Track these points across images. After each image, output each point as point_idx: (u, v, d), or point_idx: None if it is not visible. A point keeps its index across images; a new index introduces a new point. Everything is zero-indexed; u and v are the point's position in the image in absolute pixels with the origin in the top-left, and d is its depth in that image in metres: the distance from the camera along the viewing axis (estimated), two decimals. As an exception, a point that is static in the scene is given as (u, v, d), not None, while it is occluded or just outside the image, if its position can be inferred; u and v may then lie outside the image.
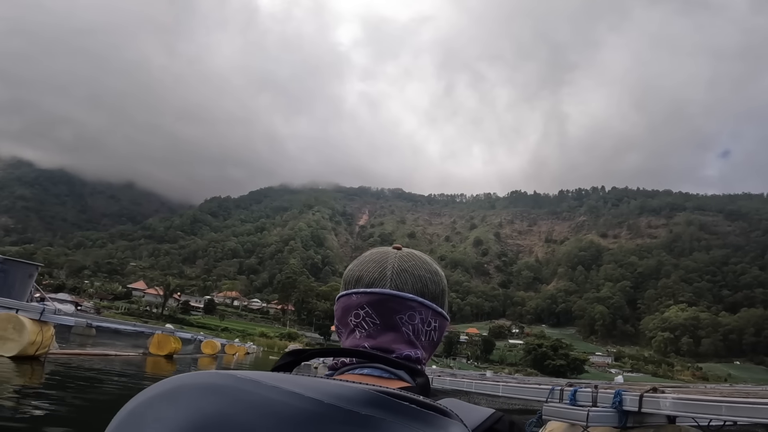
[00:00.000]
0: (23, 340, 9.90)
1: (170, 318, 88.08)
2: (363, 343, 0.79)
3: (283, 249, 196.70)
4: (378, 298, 0.79)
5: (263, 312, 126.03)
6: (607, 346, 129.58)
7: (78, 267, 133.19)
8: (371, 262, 0.84)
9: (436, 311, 0.83)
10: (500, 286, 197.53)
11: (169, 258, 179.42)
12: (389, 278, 0.80)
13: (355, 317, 0.81)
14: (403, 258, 0.84)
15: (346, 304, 0.83)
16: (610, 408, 6.03)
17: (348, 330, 0.83)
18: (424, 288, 0.82)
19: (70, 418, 5.89)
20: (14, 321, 10.01)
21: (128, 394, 5.24)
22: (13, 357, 9.73)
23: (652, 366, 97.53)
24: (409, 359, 0.78)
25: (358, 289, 0.82)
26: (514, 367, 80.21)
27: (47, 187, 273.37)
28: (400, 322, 0.79)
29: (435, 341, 0.85)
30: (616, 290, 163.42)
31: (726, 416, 6.17)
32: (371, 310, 0.79)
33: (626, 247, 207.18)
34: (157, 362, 17.17)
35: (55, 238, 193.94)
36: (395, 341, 0.79)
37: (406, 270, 0.82)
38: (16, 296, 11.71)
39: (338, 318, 0.86)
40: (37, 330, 10.25)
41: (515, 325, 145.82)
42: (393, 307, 0.79)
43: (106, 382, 10.15)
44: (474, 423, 0.68)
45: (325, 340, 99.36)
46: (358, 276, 0.83)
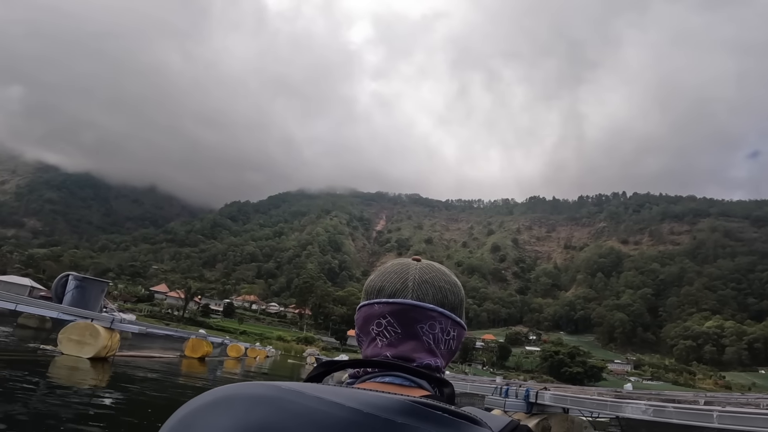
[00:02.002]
0: (98, 345, 11.91)
1: (190, 321, 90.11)
2: (385, 352, 0.82)
3: (301, 254, 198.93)
4: (400, 308, 0.83)
5: (281, 316, 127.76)
6: (627, 353, 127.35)
7: (103, 269, 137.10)
8: (393, 274, 0.87)
9: (455, 321, 0.87)
10: (518, 292, 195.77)
11: (190, 261, 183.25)
12: (411, 289, 0.84)
13: (377, 326, 0.84)
14: (424, 269, 0.88)
15: (367, 313, 0.86)
16: (521, 400, 9.88)
17: (369, 338, 0.86)
18: (444, 299, 0.85)
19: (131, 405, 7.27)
20: (91, 329, 12.04)
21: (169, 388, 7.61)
22: (89, 358, 11.65)
23: (673, 374, 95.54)
24: (429, 367, 0.81)
25: (380, 299, 0.85)
26: (530, 374, 79.64)
27: (74, 191, 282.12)
28: (421, 332, 0.82)
29: (453, 349, 0.89)
30: (636, 297, 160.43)
31: (591, 409, 9.70)
32: (393, 320, 0.83)
33: (648, 254, 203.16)
34: (191, 363, 18.85)
35: (80, 241, 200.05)
36: (416, 350, 0.82)
37: (427, 281, 0.85)
38: (91, 308, 13.91)
39: (359, 326, 0.89)
40: (108, 336, 12.32)
41: (532, 332, 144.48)
42: (414, 316, 0.82)
43: (154, 378, 12.00)
44: (496, 427, 0.69)
45: (341, 344, 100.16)
46: (380, 286, 0.86)
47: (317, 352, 70.87)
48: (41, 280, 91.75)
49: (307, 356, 65.66)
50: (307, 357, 64.71)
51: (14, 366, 9.06)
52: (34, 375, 8.60)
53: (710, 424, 7.25)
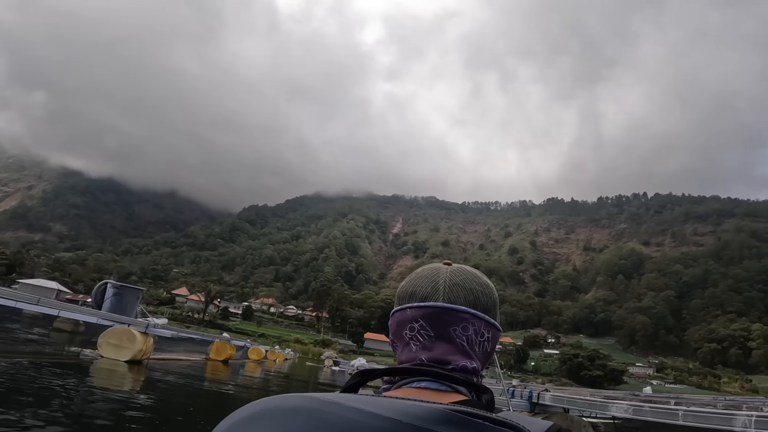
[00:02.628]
0: (134, 348, 12.80)
1: (210, 323, 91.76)
2: (420, 356, 0.82)
3: (318, 257, 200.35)
4: (432, 312, 0.83)
5: (298, 319, 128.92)
6: (649, 356, 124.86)
7: (126, 273, 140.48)
8: (423, 278, 0.87)
9: (489, 322, 0.87)
10: (536, 295, 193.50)
11: (210, 265, 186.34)
12: (442, 292, 0.84)
13: (410, 330, 0.84)
14: (454, 272, 0.88)
15: (400, 318, 0.87)
16: (525, 401, 10.39)
17: (403, 343, 0.86)
18: (476, 300, 0.85)
19: (164, 405, 8.00)
20: (128, 333, 12.99)
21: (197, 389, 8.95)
22: (126, 361, 12.57)
23: (697, 378, 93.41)
24: (465, 370, 0.81)
25: (411, 303, 0.85)
26: (549, 377, 78.82)
27: (98, 196, 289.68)
28: (454, 334, 0.82)
29: (488, 352, 0.89)
30: (659, 300, 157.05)
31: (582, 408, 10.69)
32: (425, 323, 0.83)
33: (670, 256, 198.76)
34: (215, 366, 19.74)
35: (104, 245, 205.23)
36: (450, 352, 0.81)
37: (458, 284, 0.85)
38: (128, 314, 14.96)
39: (393, 332, 0.89)
40: (143, 340, 13.26)
41: (551, 335, 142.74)
42: (447, 319, 0.82)
43: (183, 380, 13.03)
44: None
45: (358, 347, 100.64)
46: (411, 291, 0.86)
47: (335, 355, 71.42)
48: (67, 284, 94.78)
49: (325, 359, 66.27)
50: (325, 360, 65.33)
51: (60, 368, 9.77)
52: (77, 377, 9.38)
53: (676, 421, 8.67)
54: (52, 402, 6.41)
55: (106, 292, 15.62)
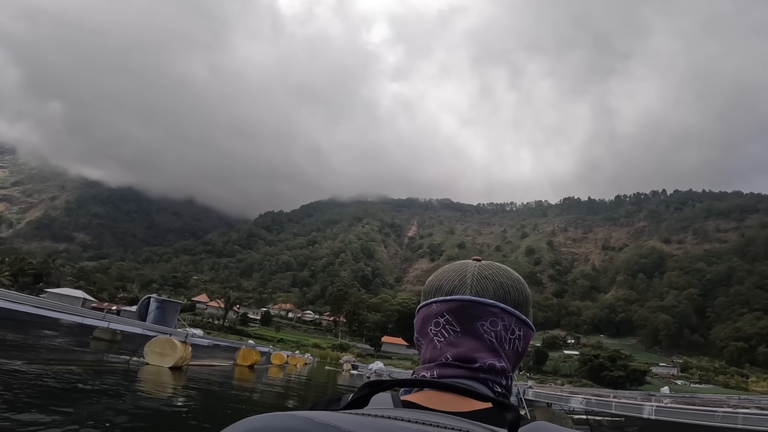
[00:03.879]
0: (176, 356, 14.33)
1: (230, 329, 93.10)
2: (445, 352, 0.77)
3: (334, 261, 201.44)
4: (458, 305, 0.78)
5: (316, 323, 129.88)
6: (673, 356, 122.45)
7: (147, 281, 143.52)
8: (451, 272, 0.84)
9: (520, 319, 0.81)
10: (554, 295, 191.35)
11: (228, 271, 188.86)
12: (469, 285, 0.79)
13: (434, 326, 0.80)
14: (483, 267, 0.83)
15: (425, 314, 0.82)
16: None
17: (427, 340, 0.81)
18: (506, 295, 0.80)
19: (203, 405, 9.17)
20: (170, 343, 14.61)
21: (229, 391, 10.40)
22: (169, 367, 14.08)
23: (723, 377, 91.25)
24: (493, 369, 0.75)
25: (437, 297, 0.81)
26: (568, 378, 77.94)
27: (118, 205, 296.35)
28: (482, 329, 0.77)
29: (520, 351, 0.82)
30: (681, 298, 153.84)
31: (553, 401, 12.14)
32: (451, 318, 0.78)
33: (692, 253, 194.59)
34: (242, 371, 21.27)
35: (126, 253, 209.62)
36: (477, 349, 0.76)
37: (487, 277, 0.81)
38: (169, 325, 16.89)
39: (418, 330, 0.85)
40: (183, 348, 14.78)
41: (570, 336, 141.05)
42: (474, 313, 0.78)
43: (217, 383, 14.40)
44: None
45: (375, 351, 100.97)
46: (437, 286, 0.82)
47: (353, 359, 71.86)
48: (92, 292, 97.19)
49: (344, 363, 66.69)
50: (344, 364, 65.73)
51: (113, 374, 11.03)
52: (128, 381, 10.65)
53: (609, 410, 10.13)
54: (109, 403, 7.39)
55: (150, 306, 17.72)
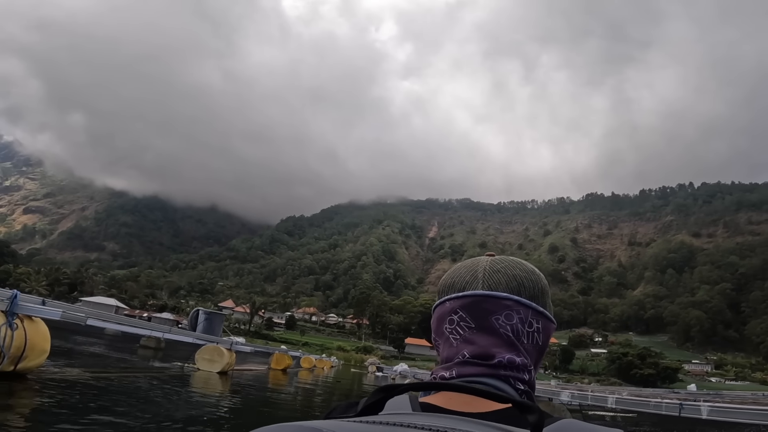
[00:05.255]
0: (223, 362, 15.87)
1: (256, 334, 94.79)
2: (462, 350, 0.76)
3: (356, 264, 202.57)
4: (471, 301, 0.77)
5: (339, 326, 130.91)
6: (706, 353, 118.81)
7: (175, 287, 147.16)
8: (463, 269, 0.83)
9: (537, 311, 0.79)
10: (580, 293, 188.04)
11: (252, 277, 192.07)
12: (481, 279, 0.78)
13: (449, 324, 0.79)
14: (496, 261, 0.82)
15: (440, 313, 0.82)
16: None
17: (444, 339, 0.80)
18: (520, 287, 0.78)
19: (247, 406, 10.33)
20: (218, 350, 16.25)
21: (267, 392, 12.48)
22: (218, 372, 15.58)
23: (761, 374, 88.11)
24: (512, 364, 0.73)
25: (450, 295, 0.80)
26: (596, 377, 76.59)
27: (145, 214, 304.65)
28: (497, 324, 0.75)
29: (540, 345, 0.80)
30: (714, 293, 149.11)
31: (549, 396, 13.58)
32: (465, 314, 0.77)
33: (724, 247, 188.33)
34: (276, 374, 22.89)
35: (154, 261, 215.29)
36: (495, 345, 0.75)
37: (499, 271, 0.79)
38: (216, 334, 19.43)
39: (435, 329, 0.84)
40: (229, 355, 16.38)
41: (598, 334, 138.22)
42: (487, 308, 0.76)
43: (256, 386, 16.04)
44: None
45: (399, 352, 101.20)
46: (450, 283, 0.81)
47: (378, 361, 72.28)
48: (124, 300, 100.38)
49: (369, 365, 67.21)
50: (369, 366, 66.22)
51: (169, 379, 12.50)
52: (183, 385, 12.11)
53: (606, 404, 11.08)
54: (167, 404, 8.41)
55: (199, 318, 20.31)
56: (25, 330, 6.95)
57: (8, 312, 6.75)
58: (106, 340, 26.40)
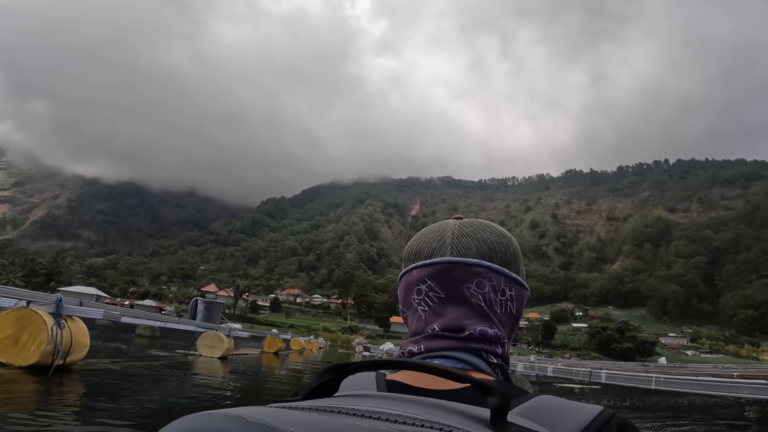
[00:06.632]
0: (223, 348, 17.00)
1: (241, 318, 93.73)
2: (432, 323, 0.69)
3: (339, 244, 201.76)
4: (439, 268, 0.70)
5: (324, 307, 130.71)
6: (682, 326, 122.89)
7: (156, 274, 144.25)
8: (429, 233, 0.75)
9: (510, 277, 0.72)
10: (561, 268, 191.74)
11: (234, 260, 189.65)
12: (449, 245, 0.71)
13: (417, 294, 0.72)
14: (464, 224, 0.74)
15: (407, 282, 0.74)
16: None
17: (412, 311, 0.74)
18: (491, 252, 0.71)
19: (247, 386, 11.72)
20: (218, 337, 17.20)
21: (264, 374, 14.71)
22: (218, 358, 16.47)
23: (734, 346, 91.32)
24: (484, 336, 0.67)
25: (417, 262, 0.72)
26: (577, 352, 78.40)
27: (121, 200, 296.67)
28: (468, 293, 0.69)
29: (514, 314, 0.73)
30: (689, 267, 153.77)
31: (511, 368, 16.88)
32: (433, 283, 0.70)
33: (698, 221, 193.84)
34: (269, 357, 24.12)
35: (133, 248, 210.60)
36: (466, 316, 0.68)
37: (468, 235, 0.72)
38: (215, 322, 20.41)
39: (402, 300, 0.77)
40: (228, 341, 17.25)
41: (578, 308, 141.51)
42: (457, 276, 0.69)
43: (253, 368, 17.28)
44: (575, 427, 0.51)
45: (385, 331, 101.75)
46: (416, 249, 0.74)
47: (365, 341, 72.48)
48: (104, 288, 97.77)
49: (356, 345, 67.32)
50: (356, 346, 66.32)
51: (173, 366, 13.36)
52: (187, 370, 13.01)
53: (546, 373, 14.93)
54: (175, 388, 9.48)
55: (198, 307, 21.13)
56: (70, 328, 8.26)
57: (56, 314, 8.02)
58: (97, 331, 25.65)
